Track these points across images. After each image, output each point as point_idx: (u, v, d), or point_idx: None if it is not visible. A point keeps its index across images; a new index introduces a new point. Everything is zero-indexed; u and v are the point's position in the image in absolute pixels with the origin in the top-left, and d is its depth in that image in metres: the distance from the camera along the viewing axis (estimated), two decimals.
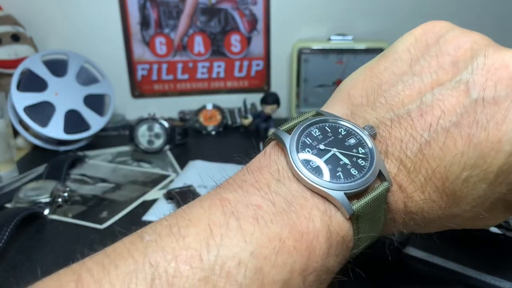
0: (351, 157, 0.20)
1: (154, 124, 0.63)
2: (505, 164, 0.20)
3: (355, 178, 0.19)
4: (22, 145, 0.66)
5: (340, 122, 0.21)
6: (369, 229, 0.20)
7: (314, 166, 0.19)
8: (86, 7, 0.74)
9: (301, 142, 0.20)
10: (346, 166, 0.19)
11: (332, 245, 0.18)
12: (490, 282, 0.29)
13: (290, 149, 0.20)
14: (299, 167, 0.19)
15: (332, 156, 0.20)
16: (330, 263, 0.18)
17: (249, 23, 0.78)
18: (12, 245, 0.38)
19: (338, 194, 0.18)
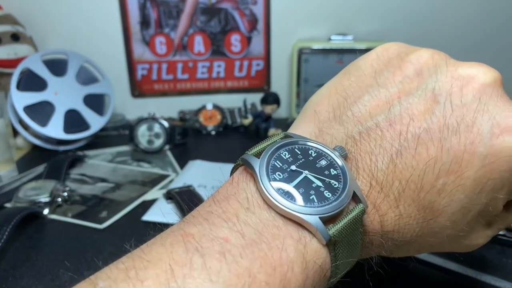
0: (323, 180, 0.19)
1: (154, 124, 0.63)
2: (481, 168, 0.19)
3: (330, 201, 0.18)
4: (22, 145, 0.66)
5: (309, 143, 0.20)
6: (346, 255, 0.19)
7: (286, 191, 0.18)
8: (86, 7, 0.74)
9: (271, 166, 0.19)
10: (319, 188, 0.19)
11: (308, 276, 0.17)
12: (490, 282, 0.29)
13: (260, 174, 0.18)
14: (270, 192, 0.18)
15: (304, 179, 0.19)
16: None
17: (249, 22, 0.78)
18: (11, 245, 0.38)
19: (313, 219, 0.17)
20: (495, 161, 0.19)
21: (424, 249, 0.23)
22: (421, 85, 0.21)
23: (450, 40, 0.79)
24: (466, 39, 0.79)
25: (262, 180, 0.18)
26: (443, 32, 0.79)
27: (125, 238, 0.39)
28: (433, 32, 0.79)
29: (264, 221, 0.17)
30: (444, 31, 0.79)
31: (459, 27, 0.79)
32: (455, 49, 0.80)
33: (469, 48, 0.80)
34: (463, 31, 0.79)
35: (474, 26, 0.79)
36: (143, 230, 0.41)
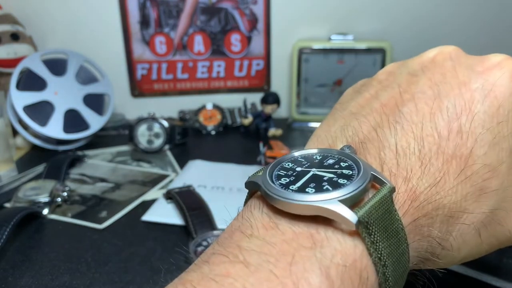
0: (334, 172, 0.17)
1: (153, 124, 0.63)
2: (486, 98, 0.19)
3: (346, 185, 0.16)
4: (21, 145, 0.66)
5: (312, 151, 0.19)
6: (389, 246, 0.16)
7: (295, 188, 0.16)
8: (85, 6, 0.74)
9: (275, 175, 0.18)
10: (331, 179, 0.17)
11: (334, 282, 0.14)
12: (491, 283, 0.29)
13: (263, 182, 0.17)
14: (277, 192, 0.16)
15: (312, 176, 0.17)
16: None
17: (249, 22, 0.78)
18: (11, 245, 0.38)
19: (332, 203, 0.15)
20: (492, 88, 0.19)
21: (489, 229, 0.21)
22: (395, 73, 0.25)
23: (451, 39, 0.79)
24: (467, 38, 0.79)
25: (266, 186, 0.17)
26: (444, 31, 0.79)
27: (125, 238, 0.39)
28: (434, 31, 0.79)
29: (271, 240, 0.15)
30: (445, 30, 0.79)
31: (460, 25, 0.79)
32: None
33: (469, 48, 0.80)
34: (464, 30, 0.79)
35: (476, 25, 0.79)
36: (143, 230, 0.41)
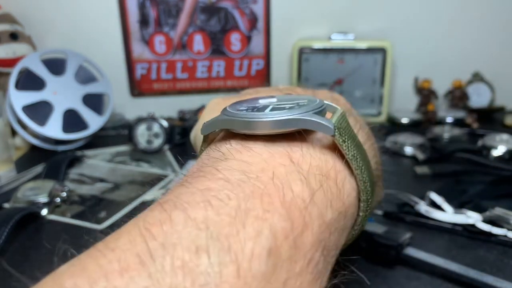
0: (294, 103, 0.18)
1: (153, 124, 0.63)
2: None
3: (311, 104, 0.17)
4: (20, 145, 0.65)
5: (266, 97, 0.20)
6: (358, 153, 0.17)
7: (267, 110, 0.17)
8: (85, 6, 0.74)
9: (236, 109, 0.17)
10: (293, 106, 0.17)
11: (315, 190, 0.15)
12: (492, 283, 0.28)
13: (228, 114, 0.17)
14: (250, 115, 0.16)
15: (274, 106, 0.17)
16: (320, 211, 0.15)
17: (249, 22, 0.78)
18: (10, 245, 0.38)
19: (308, 115, 0.16)
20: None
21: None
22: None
23: (451, 39, 0.79)
24: (468, 38, 0.79)
25: (234, 115, 0.17)
26: (445, 31, 0.79)
27: None
28: (435, 30, 0.79)
29: (248, 160, 0.15)
30: (446, 29, 0.79)
31: (461, 25, 0.79)
32: (457, 47, 0.79)
33: (469, 47, 0.80)
34: (465, 29, 0.79)
35: (476, 25, 0.79)
36: None
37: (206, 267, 0.11)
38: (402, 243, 0.32)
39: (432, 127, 0.68)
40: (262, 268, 0.12)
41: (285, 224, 0.13)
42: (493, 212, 0.36)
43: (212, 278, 0.11)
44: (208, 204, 0.13)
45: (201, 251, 0.12)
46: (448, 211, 0.38)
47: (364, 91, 0.75)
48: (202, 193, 0.14)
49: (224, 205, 0.13)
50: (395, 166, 0.56)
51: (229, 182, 0.14)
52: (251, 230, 0.13)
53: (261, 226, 0.13)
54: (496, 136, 0.59)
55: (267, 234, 0.13)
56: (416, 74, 0.80)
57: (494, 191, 0.43)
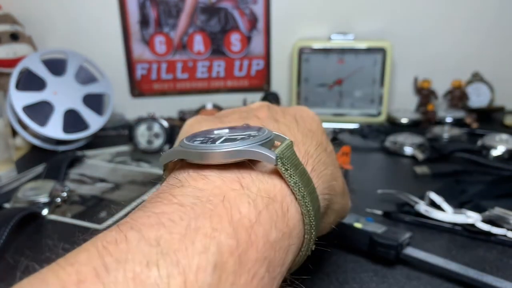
0: (245, 134, 0.19)
1: (153, 124, 0.63)
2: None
3: (258, 136, 0.19)
4: (21, 145, 0.65)
5: (219, 130, 0.21)
6: (301, 180, 0.18)
7: (218, 142, 0.18)
8: (85, 6, 0.74)
9: (192, 141, 0.19)
10: (244, 137, 0.19)
11: (261, 211, 0.16)
12: (491, 283, 0.29)
13: (184, 146, 0.19)
14: (203, 147, 0.18)
15: (226, 138, 0.19)
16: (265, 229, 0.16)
17: (249, 22, 0.78)
18: (10, 245, 0.38)
19: (254, 147, 0.18)
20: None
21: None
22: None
23: (451, 39, 0.79)
24: (468, 38, 0.79)
25: (189, 147, 0.18)
26: (444, 31, 0.79)
27: None
28: (435, 30, 0.79)
29: (202, 187, 0.17)
30: (446, 30, 0.79)
31: (461, 25, 0.79)
32: (457, 47, 0.79)
33: (470, 47, 0.80)
34: (464, 30, 0.79)
35: (476, 25, 0.79)
36: None
37: (155, 279, 0.13)
38: (401, 243, 0.32)
39: (431, 127, 0.68)
40: (208, 279, 0.13)
41: (232, 241, 0.14)
42: (492, 212, 0.36)
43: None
44: (162, 225, 0.14)
45: (152, 265, 0.13)
46: (448, 211, 0.38)
47: (364, 91, 0.75)
48: (157, 216, 0.15)
49: (176, 225, 0.14)
50: (394, 166, 0.56)
51: (182, 206, 0.15)
52: (199, 246, 0.14)
53: (209, 243, 0.14)
54: (496, 136, 0.59)
55: (214, 250, 0.14)
56: (416, 74, 0.80)
57: (493, 191, 0.43)
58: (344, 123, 0.71)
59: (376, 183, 0.50)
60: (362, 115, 0.75)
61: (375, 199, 0.44)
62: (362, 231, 0.33)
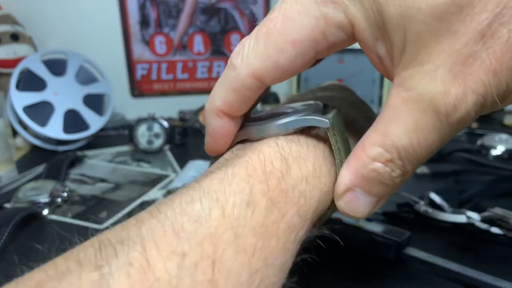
0: (304, 106, 0.21)
1: (153, 124, 0.63)
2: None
3: (312, 107, 0.20)
4: (21, 145, 0.66)
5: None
6: (342, 147, 0.19)
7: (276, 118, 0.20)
8: (85, 6, 0.74)
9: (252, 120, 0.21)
10: (302, 110, 0.20)
11: (290, 165, 0.18)
12: (490, 282, 0.29)
13: (247, 122, 0.20)
14: (262, 123, 0.20)
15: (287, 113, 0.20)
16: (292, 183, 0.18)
17: (249, 22, 0.78)
18: (11, 245, 0.38)
19: (307, 114, 0.19)
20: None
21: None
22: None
23: None
24: None
25: (249, 123, 0.20)
26: None
27: None
28: None
29: (243, 147, 0.20)
30: None
31: None
32: None
33: None
34: None
35: None
36: None
37: (199, 210, 0.15)
38: (401, 243, 0.32)
39: None
40: (242, 213, 0.16)
41: (264, 186, 0.17)
42: (492, 212, 0.36)
43: (203, 217, 0.15)
44: (204, 176, 0.17)
45: (195, 201, 0.16)
46: (448, 211, 0.38)
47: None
48: (202, 175, 0.18)
49: (215, 174, 0.17)
50: None
51: (226, 160, 0.19)
52: (235, 188, 0.16)
53: (244, 186, 0.16)
54: (495, 135, 0.59)
55: (248, 191, 0.16)
56: None
57: (493, 190, 0.43)
58: None
59: None
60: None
61: None
62: (362, 231, 0.33)
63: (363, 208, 0.18)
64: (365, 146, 0.17)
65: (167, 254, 0.14)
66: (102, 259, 0.14)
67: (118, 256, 0.14)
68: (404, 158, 0.16)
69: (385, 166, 0.17)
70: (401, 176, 0.17)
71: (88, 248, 0.14)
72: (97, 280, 0.13)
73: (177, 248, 0.14)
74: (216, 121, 0.19)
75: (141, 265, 0.13)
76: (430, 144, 0.16)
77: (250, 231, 0.15)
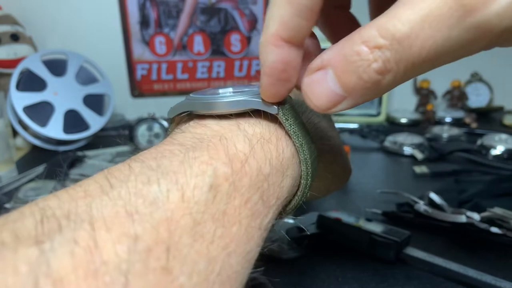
0: (247, 89, 0.20)
1: (153, 124, 0.63)
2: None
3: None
4: (22, 145, 0.66)
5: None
6: (299, 131, 0.19)
7: (221, 95, 0.19)
8: (85, 7, 0.74)
9: (198, 94, 0.20)
10: (247, 92, 0.19)
11: (255, 148, 0.17)
12: (490, 282, 0.29)
13: (189, 98, 0.19)
14: (208, 98, 0.18)
15: (231, 93, 0.19)
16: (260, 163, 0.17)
17: (249, 22, 0.78)
18: None
19: (256, 97, 0.18)
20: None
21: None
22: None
23: None
24: None
25: (194, 99, 0.19)
26: None
27: None
28: None
29: (201, 132, 0.18)
30: None
31: None
32: None
33: None
34: None
35: None
36: None
37: (156, 192, 0.14)
38: (401, 243, 0.32)
39: (431, 127, 0.68)
40: (203, 197, 0.15)
41: (227, 169, 0.16)
42: (492, 212, 0.36)
43: (160, 199, 0.14)
44: (163, 157, 0.16)
45: (152, 182, 0.14)
46: (447, 211, 0.38)
47: None
48: (158, 150, 0.16)
49: (176, 155, 0.16)
50: (394, 166, 0.56)
51: (182, 144, 0.17)
52: (196, 170, 0.15)
53: (206, 168, 0.15)
54: (495, 135, 0.59)
55: (210, 173, 0.15)
56: None
57: (493, 190, 0.43)
58: (344, 123, 0.71)
59: (375, 183, 0.50)
60: (361, 115, 0.75)
61: (375, 199, 0.44)
62: (362, 231, 0.33)
63: (323, 96, 0.16)
64: (364, 28, 0.14)
65: (118, 236, 0.12)
66: (43, 234, 0.12)
67: (63, 232, 0.12)
68: (395, 50, 0.14)
69: (369, 53, 0.14)
70: (379, 74, 0.14)
71: (27, 218, 0.13)
72: (35, 257, 0.11)
73: (129, 230, 0.13)
74: (274, 54, 0.16)
75: (87, 245, 0.12)
76: (430, 45, 0.13)
77: (209, 217, 0.14)
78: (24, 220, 0.13)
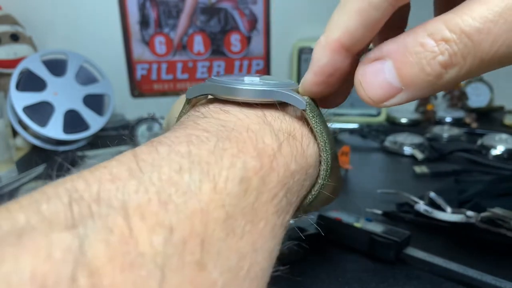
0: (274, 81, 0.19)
1: (153, 124, 0.63)
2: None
3: (288, 83, 0.19)
4: (21, 145, 0.66)
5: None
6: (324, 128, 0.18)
7: (247, 82, 0.18)
8: (85, 7, 0.74)
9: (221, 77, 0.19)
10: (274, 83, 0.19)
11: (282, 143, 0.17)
12: (490, 282, 0.29)
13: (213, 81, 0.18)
14: (234, 83, 0.17)
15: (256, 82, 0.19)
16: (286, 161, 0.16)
17: (249, 22, 0.78)
18: None
19: (283, 89, 0.17)
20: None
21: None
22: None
23: None
24: None
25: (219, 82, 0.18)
26: None
27: None
28: None
29: (225, 119, 0.17)
30: None
31: None
32: None
33: None
34: None
35: None
36: None
37: (188, 182, 0.13)
38: (401, 243, 0.32)
39: (431, 126, 0.68)
40: (235, 189, 0.14)
41: (256, 163, 0.15)
42: (492, 212, 0.36)
43: (192, 190, 0.13)
44: (190, 143, 0.15)
45: (184, 171, 0.13)
46: (447, 211, 0.38)
47: None
48: (184, 135, 0.15)
49: (204, 143, 0.15)
50: (394, 166, 0.56)
51: (208, 131, 0.16)
52: (227, 162, 0.14)
53: (236, 161, 0.15)
54: (495, 135, 0.59)
55: (240, 167, 0.15)
56: None
57: (493, 190, 0.43)
58: (344, 123, 0.71)
59: (375, 183, 0.50)
60: (361, 115, 0.75)
61: (375, 199, 0.44)
62: (362, 231, 0.33)
63: (378, 87, 0.15)
64: (428, 22, 0.14)
65: (153, 226, 0.11)
66: (74, 218, 0.11)
67: (95, 217, 0.11)
68: (463, 44, 0.13)
69: (435, 45, 0.13)
70: (443, 67, 0.14)
71: (53, 199, 0.11)
72: (69, 243, 0.10)
73: (164, 220, 0.12)
74: (328, 57, 0.17)
75: (122, 233, 0.11)
76: (502, 41, 0.13)
77: (240, 211, 0.14)
78: (49, 201, 0.11)
